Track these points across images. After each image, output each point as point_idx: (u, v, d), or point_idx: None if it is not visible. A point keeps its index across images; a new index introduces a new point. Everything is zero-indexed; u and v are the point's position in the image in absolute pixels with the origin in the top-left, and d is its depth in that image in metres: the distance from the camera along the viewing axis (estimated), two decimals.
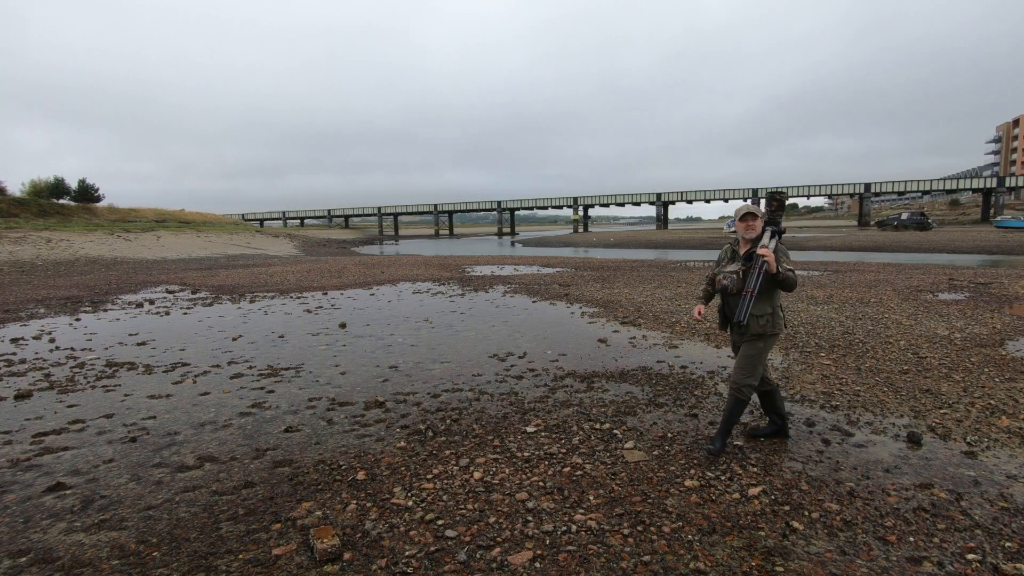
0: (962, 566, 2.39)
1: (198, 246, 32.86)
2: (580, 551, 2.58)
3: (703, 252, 30.28)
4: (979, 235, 35.78)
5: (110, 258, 24.57)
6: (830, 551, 2.53)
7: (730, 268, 3.48)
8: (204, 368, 6.05)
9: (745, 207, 3.48)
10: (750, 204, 3.50)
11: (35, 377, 5.76)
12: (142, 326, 8.75)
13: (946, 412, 4.23)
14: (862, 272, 14.78)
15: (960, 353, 5.93)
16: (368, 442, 3.92)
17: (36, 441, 4.01)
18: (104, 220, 38.97)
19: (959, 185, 70.90)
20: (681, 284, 12.93)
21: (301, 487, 3.25)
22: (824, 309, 8.90)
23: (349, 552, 2.59)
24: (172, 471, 3.49)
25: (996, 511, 2.82)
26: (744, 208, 3.47)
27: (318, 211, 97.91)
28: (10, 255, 21.65)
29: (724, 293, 3.55)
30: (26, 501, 3.13)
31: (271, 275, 17.78)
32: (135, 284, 15.56)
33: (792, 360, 5.88)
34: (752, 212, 3.43)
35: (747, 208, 3.46)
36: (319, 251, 39.31)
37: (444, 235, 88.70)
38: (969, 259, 21.19)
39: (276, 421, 4.37)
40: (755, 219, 3.42)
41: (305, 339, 7.54)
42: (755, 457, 3.52)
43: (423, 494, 3.14)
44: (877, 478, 3.21)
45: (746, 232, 3.46)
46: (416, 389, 5.17)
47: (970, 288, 11.13)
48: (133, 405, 4.81)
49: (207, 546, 2.66)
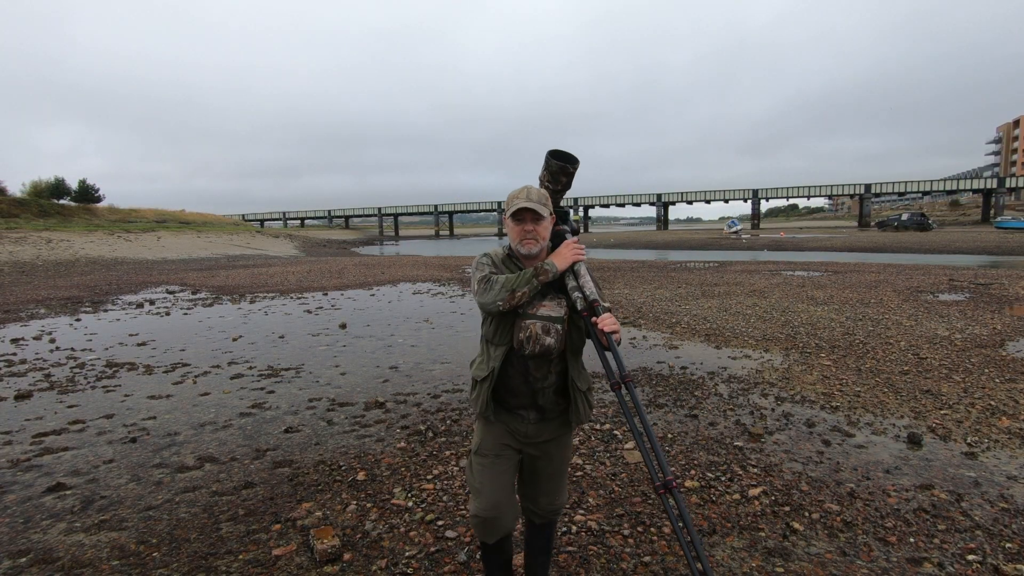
0: (962, 567, 2.39)
1: (198, 246, 32.86)
2: (580, 552, 2.58)
3: (703, 252, 30.27)
4: (979, 236, 35.78)
5: (110, 258, 24.57)
6: (830, 552, 2.53)
7: (546, 311, 1.85)
8: (204, 368, 6.05)
9: (520, 199, 1.87)
10: (531, 191, 1.90)
11: (35, 377, 5.76)
12: (142, 326, 8.75)
13: (946, 413, 4.22)
14: (862, 273, 14.78)
15: (960, 354, 5.93)
16: (368, 443, 3.92)
17: (36, 441, 4.01)
18: (104, 220, 38.98)
19: (959, 186, 70.94)
20: (682, 285, 12.93)
21: (301, 488, 3.25)
22: (824, 310, 8.90)
23: (349, 553, 2.58)
24: (172, 471, 3.49)
25: (996, 512, 2.82)
26: (519, 201, 1.87)
27: (318, 211, 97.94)
28: (10, 255, 21.65)
29: (523, 353, 1.86)
30: (26, 501, 3.12)
31: (271, 275, 17.78)
32: (135, 284, 15.56)
33: (792, 360, 5.88)
34: (531, 209, 1.87)
35: (523, 203, 1.86)
36: (319, 251, 39.32)
37: (444, 235, 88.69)
38: (969, 260, 21.19)
39: (276, 422, 4.37)
40: (539, 221, 1.89)
41: (305, 339, 7.54)
42: (755, 458, 3.52)
43: (423, 495, 3.14)
44: (877, 479, 3.21)
45: (524, 243, 1.90)
46: (416, 390, 5.17)
47: (970, 289, 11.13)
48: (133, 405, 4.81)
49: (207, 546, 2.66)
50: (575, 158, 1.97)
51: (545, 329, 1.85)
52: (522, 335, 1.85)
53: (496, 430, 2.00)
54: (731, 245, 35.82)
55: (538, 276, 1.83)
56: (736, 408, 4.46)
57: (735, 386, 5.05)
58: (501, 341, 1.92)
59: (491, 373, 1.93)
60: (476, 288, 1.90)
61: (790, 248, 31.35)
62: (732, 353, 6.31)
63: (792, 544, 2.59)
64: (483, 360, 2.01)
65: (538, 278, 1.83)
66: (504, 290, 1.82)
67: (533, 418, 1.97)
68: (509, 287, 1.82)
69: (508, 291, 1.82)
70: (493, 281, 1.86)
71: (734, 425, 4.09)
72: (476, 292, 1.90)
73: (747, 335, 7.18)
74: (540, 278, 1.83)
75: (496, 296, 1.82)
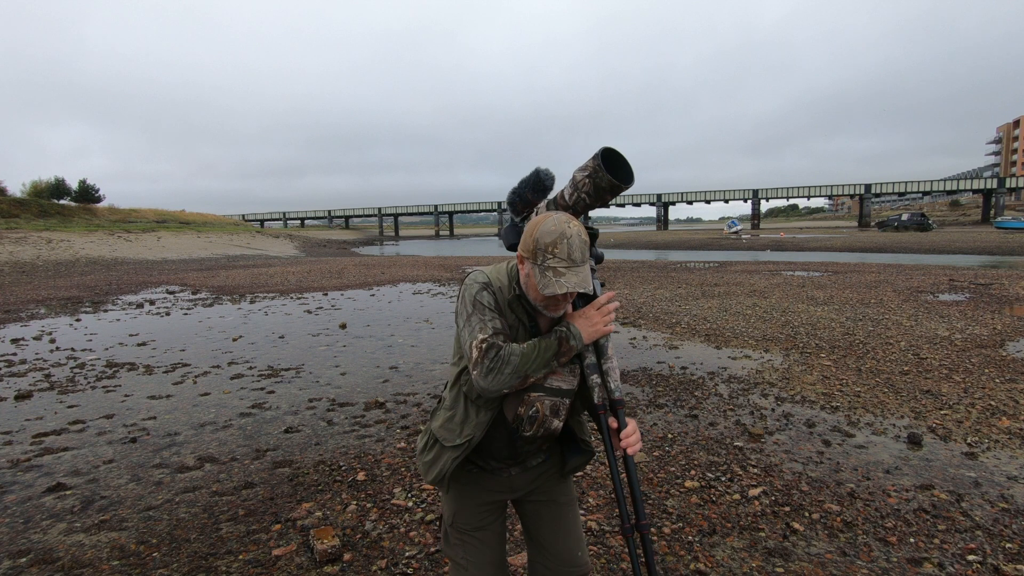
0: (963, 567, 2.39)
1: (198, 247, 32.87)
2: None
3: (703, 253, 30.26)
4: (979, 236, 35.78)
5: (110, 258, 24.57)
6: (830, 552, 2.53)
7: (557, 381, 1.45)
8: (204, 369, 6.05)
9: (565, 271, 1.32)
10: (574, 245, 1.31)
11: (35, 377, 5.76)
12: (142, 327, 8.75)
13: (947, 413, 4.22)
14: (862, 273, 14.78)
15: (960, 354, 5.93)
16: (368, 443, 3.92)
17: (36, 441, 4.01)
18: (104, 220, 39.00)
19: (959, 186, 70.94)
20: (682, 285, 12.93)
21: (301, 488, 3.25)
22: (825, 310, 8.90)
23: (349, 553, 2.58)
24: (172, 472, 3.49)
25: (997, 512, 2.82)
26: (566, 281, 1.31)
27: (319, 212, 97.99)
28: (10, 255, 21.65)
29: (519, 431, 1.49)
30: (26, 501, 3.12)
31: (271, 276, 17.79)
32: (135, 285, 15.56)
33: (793, 361, 5.88)
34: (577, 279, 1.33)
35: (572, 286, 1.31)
36: (319, 252, 39.33)
37: (444, 236, 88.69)
38: (969, 260, 21.18)
39: (276, 422, 4.37)
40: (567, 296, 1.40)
41: (305, 340, 7.54)
42: (755, 458, 3.52)
43: (423, 495, 3.14)
44: (878, 479, 3.21)
45: (551, 309, 1.43)
46: (416, 390, 5.17)
47: (970, 289, 11.12)
48: (133, 406, 4.81)
49: (207, 547, 2.66)
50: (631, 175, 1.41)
51: (554, 409, 1.46)
52: (523, 410, 1.45)
53: (469, 492, 1.57)
54: (731, 245, 35.82)
55: (560, 356, 1.38)
56: (736, 408, 4.46)
57: (735, 386, 5.05)
58: (489, 406, 1.45)
59: (465, 443, 1.46)
60: (473, 354, 1.34)
61: (790, 248, 31.34)
62: (732, 353, 6.31)
63: (792, 544, 2.59)
64: (455, 419, 1.49)
65: (559, 359, 1.38)
66: (516, 376, 1.33)
67: (516, 471, 1.57)
68: (523, 370, 1.34)
69: (521, 377, 1.34)
70: (503, 358, 1.33)
71: (734, 425, 4.09)
72: (474, 362, 1.34)
73: (747, 335, 7.18)
74: (562, 359, 1.38)
75: (506, 383, 1.33)
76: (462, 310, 1.44)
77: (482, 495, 1.57)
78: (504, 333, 1.40)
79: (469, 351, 1.37)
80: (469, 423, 1.47)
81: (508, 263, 1.53)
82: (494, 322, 1.39)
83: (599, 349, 1.47)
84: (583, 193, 1.43)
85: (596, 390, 1.44)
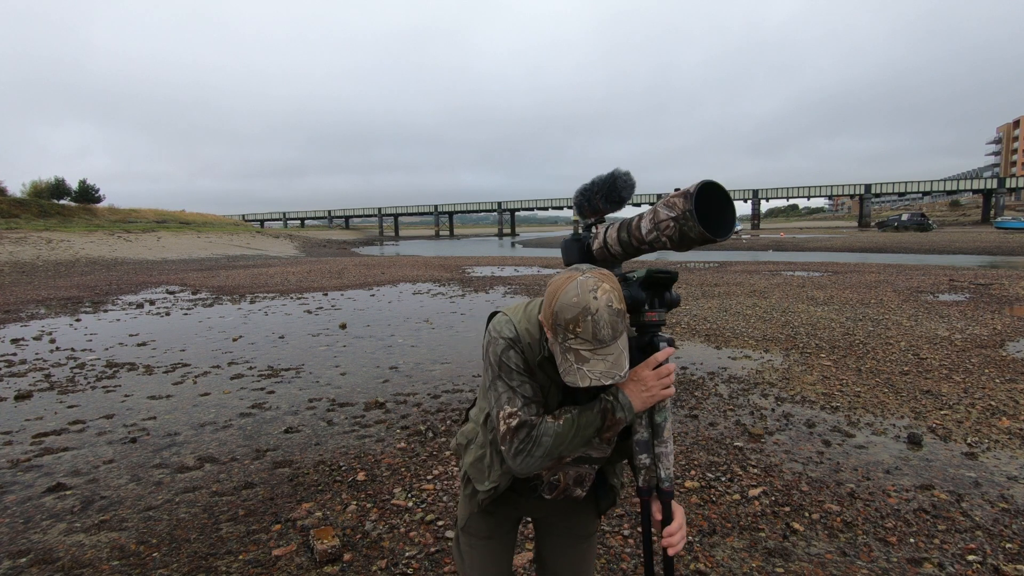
0: (962, 567, 2.39)
1: (198, 247, 32.87)
2: None
3: (703, 253, 30.24)
4: (979, 236, 35.77)
5: (110, 259, 24.58)
6: (830, 552, 2.53)
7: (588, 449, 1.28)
8: (204, 369, 6.05)
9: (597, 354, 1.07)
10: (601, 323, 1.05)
11: (35, 378, 5.76)
12: (142, 327, 8.75)
13: (947, 413, 4.22)
14: (862, 273, 14.78)
15: (960, 354, 5.93)
16: (368, 443, 3.92)
17: (36, 442, 4.01)
18: (104, 221, 39.02)
19: (959, 186, 70.94)
20: (681, 285, 12.92)
21: (301, 488, 3.25)
22: (825, 310, 8.90)
23: (349, 553, 2.58)
24: (172, 472, 3.49)
25: (997, 512, 2.82)
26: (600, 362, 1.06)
27: (319, 212, 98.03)
28: (11, 256, 21.65)
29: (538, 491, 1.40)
30: (26, 502, 3.12)
31: (271, 276, 17.79)
32: (135, 285, 15.57)
33: (793, 361, 5.88)
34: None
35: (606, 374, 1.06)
36: (319, 252, 39.32)
37: (444, 236, 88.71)
38: (969, 260, 21.18)
39: (276, 422, 4.37)
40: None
41: (305, 340, 7.54)
42: (755, 458, 3.52)
43: (423, 495, 3.14)
44: (878, 479, 3.21)
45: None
46: (416, 390, 5.17)
47: (970, 289, 11.12)
48: (133, 406, 4.81)
49: (207, 547, 2.66)
50: (732, 221, 1.05)
51: (579, 479, 1.34)
52: (545, 475, 1.33)
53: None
54: (731, 245, 35.82)
55: (603, 432, 1.18)
56: (736, 408, 4.46)
57: (735, 386, 5.05)
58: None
59: (490, 489, 1.37)
60: (501, 428, 1.19)
61: (790, 248, 31.35)
62: (732, 353, 6.31)
63: (792, 544, 2.59)
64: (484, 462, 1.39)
65: (603, 434, 1.19)
66: (548, 458, 1.18)
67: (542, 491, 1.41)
68: (556, 452, 1.18)
69: (555, 459, 1.20)
70: (534, 439, 1.17)
71: (734, 425, 4.09)
72: (502, 437, 1.19)
73: (747, 335, 7.18)
74: (606, 435, 1.19)
75: (535, 466, 1.19)
76: (486, 366, 1.26)
77: (500, 508, 1.46)
78: (536, 401, 1.21)
79: (497, 423, 1.22)
80: (495, 471, 1.36)
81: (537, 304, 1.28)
82: (523, 388, 1.20)
83: (655, 427, 1.23)
84: (664, 236, 1.07)
85: (643, 472, 1.24)
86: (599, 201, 1.31)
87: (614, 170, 1.28)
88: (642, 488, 1.26)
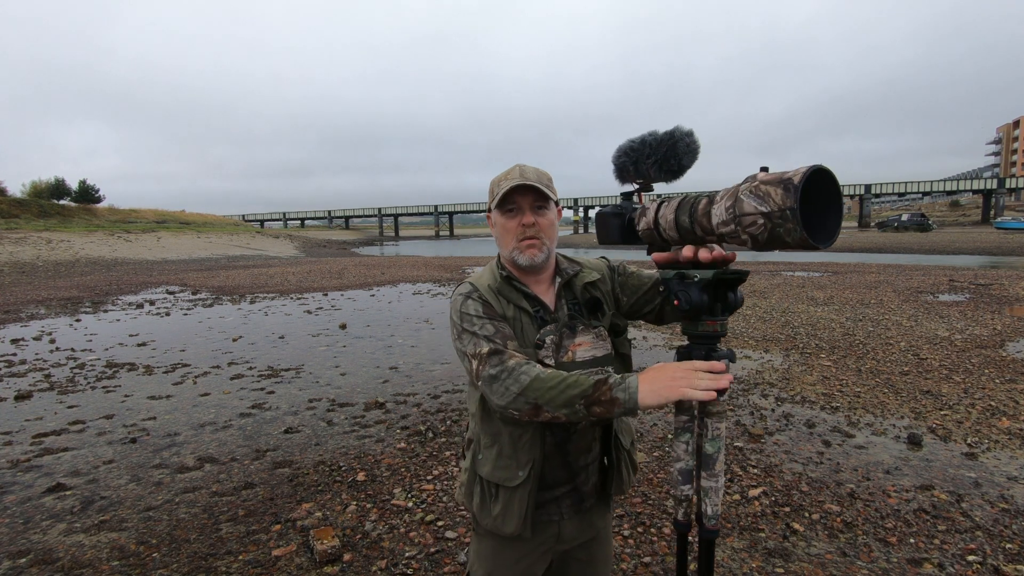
0: (962, 567, 2.39)
1: (198, 247, 32.88)
2: None
3: None
4: (979, 236, 35.77)
5: (110, 259, 24.58)
6: (830, 552, 2.53)
7: (587, 351, 1.23)
8: (204, 369, 6.05)
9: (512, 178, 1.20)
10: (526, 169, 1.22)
11: (35, 378, 5.76)
12: (142, 327, 8.75)
13: (946, 413, 4.22)
14: (862, 273, 14.78)
15: (960, 354, 5.93)
16: (368, 443, 3.92)
17: (36, 442, 4.01)
18: (104, 221, 39.02)
19: (959, 186, 70.92)
20: None
21: (301, 488, 3.25)
22: (825, 310, 8.90)
23: (349, 553, 2.58)
24: (172, 472, 3.49)
25: (997, 512, 2.82)
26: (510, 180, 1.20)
27: (318, 212, 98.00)
28: (10, 256, 21.66)
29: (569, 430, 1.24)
30: (26, 502, 3.12)
31: (271, 276, 17.79)
32: (135, 285, 15.57)
33: (793, 361, 5.88)
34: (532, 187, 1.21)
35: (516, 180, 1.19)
36: (319, 252, 39.33)
37: (444, 236, 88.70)
38: (969, 260, 21.18)
39: (276, 422, 4.37)
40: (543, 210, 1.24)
41: (305, 340, 7.54)
42: (755, 459, 3.52)
43: (423, 495, 3.14)
44: (878, 479, 3.21)
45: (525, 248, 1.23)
46: (416, 390, 5.17)
47: (970, 289, 11.12)
48: (133, 406, 4.81)
49: (207, 547, 2.66)
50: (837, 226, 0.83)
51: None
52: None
53: (516, 550, 1.28)
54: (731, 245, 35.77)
55: (591, 405, 1.00)
56: (736, 408, 4.46)
57: (735, 386, 5.05)
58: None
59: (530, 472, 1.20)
60: (473, 364, 1.12)
61: None
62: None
63: (792, 545, 2.59)
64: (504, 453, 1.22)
65: (591, 408, 1.00)
66: (525, 400, 1.04)
67: (568, 511, 1.28)
68: (533, 396, 1.04)
69: (531, 405, 1.04)
70: (512, 370, 1.07)
71: (734, 425, 4.09)
72: (476, 373, 1.12)
73: (747, 335, 7.18)
74: (596, 409, 1.00)
75: (513, 403, 1.06)
76: (453, 330, 1.21)
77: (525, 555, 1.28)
78: (506, 335, 1.15)
79: (469, 366, 1.13)
80: (522, 446, 1.19)
81: (492, 261, 1.34)
82: (486, 328, 1.14)
83: (704, 457, 1.05)
84: (747, 233, 0.83)
85: (683, 505, 1.09)
86: (650, 167, 1.06)
87: (674, 128, 1.02)
88: (680, 521, 1.11)
